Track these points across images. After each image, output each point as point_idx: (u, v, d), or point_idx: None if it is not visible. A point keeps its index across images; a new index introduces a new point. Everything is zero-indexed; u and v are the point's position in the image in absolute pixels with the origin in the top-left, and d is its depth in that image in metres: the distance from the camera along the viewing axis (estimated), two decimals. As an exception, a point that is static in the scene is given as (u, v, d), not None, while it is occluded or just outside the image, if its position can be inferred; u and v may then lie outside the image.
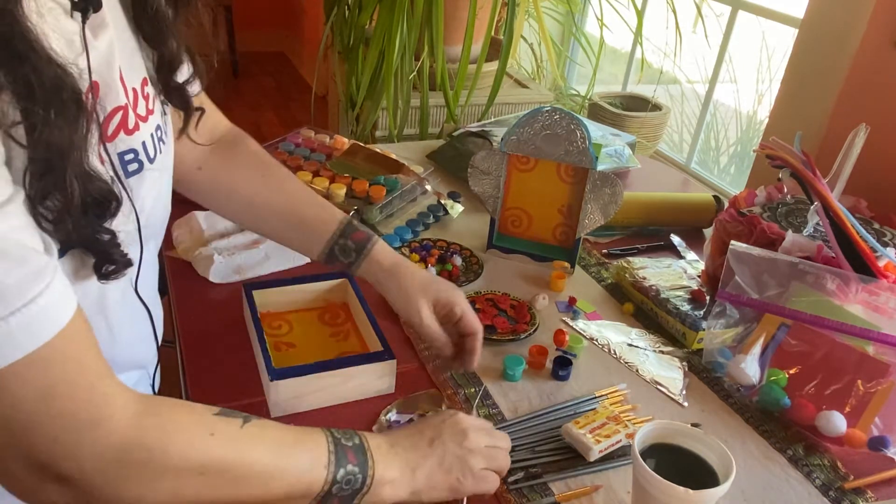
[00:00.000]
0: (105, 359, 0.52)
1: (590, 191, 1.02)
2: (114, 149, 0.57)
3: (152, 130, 0.63)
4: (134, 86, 0.60)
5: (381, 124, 1.88)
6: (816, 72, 1.45)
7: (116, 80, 0.57)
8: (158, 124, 0.65)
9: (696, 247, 1.17)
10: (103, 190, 0.51)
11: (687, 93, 2.88)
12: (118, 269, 0.55)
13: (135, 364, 0.71)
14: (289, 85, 4.41)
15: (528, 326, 0.93)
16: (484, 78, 1.86)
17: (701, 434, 0.65)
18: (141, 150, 0.60)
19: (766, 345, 0.84)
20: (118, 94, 0.57)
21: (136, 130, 0.60)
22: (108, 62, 0.56)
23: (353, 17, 1.86)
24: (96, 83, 0.55)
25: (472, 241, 1.13)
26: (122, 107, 0.58)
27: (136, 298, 0.67)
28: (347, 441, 0.59)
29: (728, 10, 2.34)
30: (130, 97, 0.59)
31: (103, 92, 0.55)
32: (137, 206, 0.61)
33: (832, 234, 0.86)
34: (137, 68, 0.62)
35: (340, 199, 1.16)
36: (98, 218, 0.51)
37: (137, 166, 0.60)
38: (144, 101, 0.62)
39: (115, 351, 0.63)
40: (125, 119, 0.58)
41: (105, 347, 0.59)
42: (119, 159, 0.58)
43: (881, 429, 0.77)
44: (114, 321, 0.62)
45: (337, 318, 0.92)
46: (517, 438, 0.76)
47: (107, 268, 0.54)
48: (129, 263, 0.56)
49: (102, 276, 0.54)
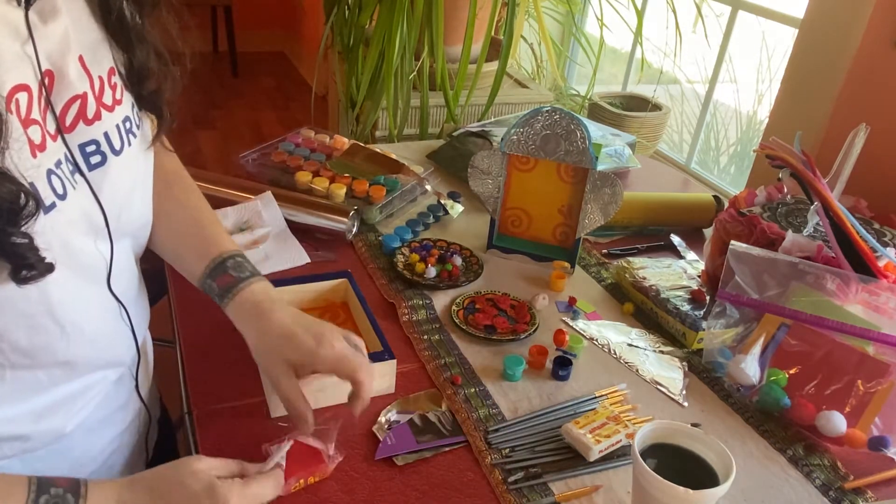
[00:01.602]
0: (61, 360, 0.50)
1: (590, 191, 1.02)
2: (73, 140, 0.56)
3: (119, 121, 0.61)
4: (100, 74, 0.59)
5: (381, 124, 1.88)
6: (816, 72, 1.45)
7: (73, 68, 0.55)
8: (128, 116, 0.62)
9: (696, 247, 1.17)
10: (11, 192, 0.48)
11: (687, 93, 2.88)
12: (38, 275, 0.52)
13: (110, 363, 0.69)
14: (289, 85, 4.41)
15: (528, 326, 0.93)
16: (484, 78, 1.86)
17: (701, 434, 0.65)
18: (104, 142, 0.58)
19: (766, 345, 0.84)
20: (75, 83, 0.55)
21: (96, 120, 0.58)
22: (61, 50, 0.54)
23: (353, 17, 1.85)
24: (49, 72, 0.53)
25: (472, 241, 1.13)
26: (79, 95, 0.56)
27: (109, 296, 0.65)
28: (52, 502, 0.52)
29: (728, 10, 2.34)
30: (96, 85, 0.58)
31: (58, 80, 0.54)
32: (103, 200, 0.59)
33: (832, 234, 0.86)
34: (103, 57, 0.60)
35: (340, 199, 1.16)
36: (9, 222, 0.48)
37: (100, 158, 0.58)
38: (111, 90, 0.60)
39: (76, 351, 0.61)
40: (84, 108, 0.56)
41: (59, 346, 0.58)
42: (80, 151, 0.56)
43: (881, 429, 0.77)
44: (69, 320, 0.59)
45: (337, 318, 0.92)
46: (517, 438, 0.76)
47: (25, 273, 0.51)
48: (50, 268, 0.52)
49: (20, 281, 0.51)
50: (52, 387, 0.62)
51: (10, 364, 0.56)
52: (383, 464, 0.73)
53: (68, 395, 0.64)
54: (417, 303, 0.96)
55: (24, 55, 0.51)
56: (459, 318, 0.94)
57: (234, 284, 0.72)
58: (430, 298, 0.98)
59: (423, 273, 1.01)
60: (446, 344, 0.90)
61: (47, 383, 0.61)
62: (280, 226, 1.08)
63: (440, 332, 0.92)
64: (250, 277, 0.73)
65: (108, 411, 0.72)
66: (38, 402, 0.61)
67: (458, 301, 0.98)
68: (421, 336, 0.91)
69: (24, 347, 0.56)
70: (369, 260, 1.06)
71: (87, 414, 0.68)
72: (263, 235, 1.06)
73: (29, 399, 0.60)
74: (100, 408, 0.70)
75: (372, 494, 0.69)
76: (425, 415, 0.79)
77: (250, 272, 0.74)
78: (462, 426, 0.78)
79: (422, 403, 0.81)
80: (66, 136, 0.55)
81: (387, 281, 1.01)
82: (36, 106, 0.52)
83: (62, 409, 0.64)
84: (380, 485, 0.70)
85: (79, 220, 0.58)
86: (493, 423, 0.78)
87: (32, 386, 0.60)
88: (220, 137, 3.63)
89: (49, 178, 0.53)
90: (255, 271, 0.74)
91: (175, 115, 0.69)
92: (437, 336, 0.91)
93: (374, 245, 1.10)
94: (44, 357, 0.59)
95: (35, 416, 0.61)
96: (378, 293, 1.00)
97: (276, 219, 1.08)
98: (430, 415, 0.79)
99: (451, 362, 0.86)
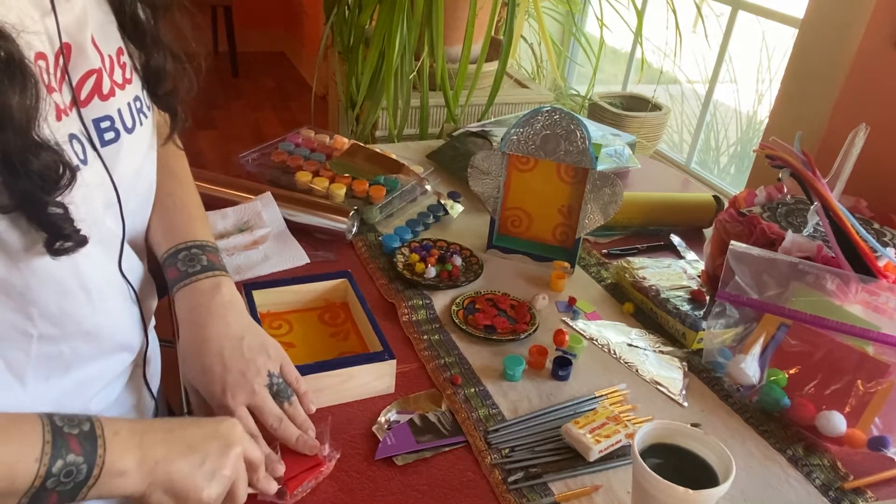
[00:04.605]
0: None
1: (590, 191, 1.02)
2: (88, 114, 0.56)
3: (130, 100, 0.61)
4: (109, 53, 0.59)
5: (381, 124, 1.88)
6: (816, 72, 1.45)
7: (89, 43, 0.56)
8: (138, 95, 0.63)
9: (696, 247, 1.17)
10: (50, 161, 0.48)
11: (687, 93, 2.88)
12: (74, 246, 0.52)
13: (122, 346, 0.69)
14: (289, 85, 4.41)
15: (528, 326, 0.93)
16: (484, 78, 1.86)
17: (701, 434, 0.65)
18: (117, 118, 0.59)
19: (765, 345, 0.84)
20: (91, 58, 0.56)
21: (111, 96, 0.58)
22: (79, 24, 0.55)
23: (353, 17, 1.85)
24: (67, 45, 0.53)
25: (472, 241, 1.13)
26: (95, 70, 0.56)
27: (119, 277, 0.65)
28: (72, 428, 0.52)
29: (728, 10, 2.34)
30: (106, 63, 0.58)
31: (75, 54, 0.54)
32: (115, 178, 0.59)
33: (832, 234, 0.86)
34: (111, 37, 0.60)
35: (340, 199, 1.16)
36: (46, 191, 0.49)
37: (114, 135, 0.58)
38: (121, 69, 0.61)
39: (100, 320, 0.62)
40: (99, 83, 0.57)
41: (85, 313, 0.58)
42: (94, 126, 0.57)
43: (881, 429, 0.77)
44: (94, 286, 0.59)
45: (337, 318, 0.92)
46: (517, 438, 0.76)
47: (60, 244, 0.51)
48: (84, 241, 0.53)
49: (55, 253, 0.51)
50: (73, 365, 0.62)
51: (38, 335, 0.57)
52: (383, 464, 0.73)
53: (86, 377, 0.65)
54: (417, 303, 0.96)
55: (44, 26, 0.51)
56: (459, 318, 0.94)
57: (179, 279, 0.69)
58: (430, 298, 0.98)
59: (423, 273, 1.01)
60: (446, 344, 0.90)
61: (70, 358, 0.61)
62: (280, 226, 1.08)
63: (440, 332, 0.92)
64: (199, 273, 0.69)
65: (122, 410, 0.73)
66: (57, 384, 0.62)
67: (458, 301, 0.98)
68: (421, 336, 0.91)
69: (54, 313, 0.56)
70: (369, 260, 1.06)
71: (101, 409, 0.68)
72: (263, 236, 1.06)
73: (50, 378, 0.61)
74: (114, 406, 0.71)
75: (372, 494, 0.69)
76: (425, 415, 0.79)
77: (203, 267, 0.69)
78: (462, 426, 0.78)
79: (422, 403, 0.81)
80: (82, 109, 0.56)
81: (387, 281, 1.01)
82: (54, 76, 0.53)
83: (80, 393, 0.65)
84: (380, 485, 0.70)
85: (97, 192, 0.58)
86: (493, 423, 0.78)
87: (55, 363, 0.60)
88: (220, 137, 3.63)
89: (71, 143, 0.54)
90: (210, 266, 0.70)
91: (189, 114, 0.69)
92: (437, 336, 0.91)
93: (374, 245, 1.10)
94: (70, 326, 0.59)
95: (54, 398, 0.62)
96: (378, 293, 1.00)
97: (275, 219, 1.08)
98: (430, 415, 0.79)
99: (450, 362, 0.86)
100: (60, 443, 0.51)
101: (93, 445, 0.52)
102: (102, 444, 0.53)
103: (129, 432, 0.55)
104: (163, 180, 0.75)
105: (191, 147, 0.78)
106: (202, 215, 0.77)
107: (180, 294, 0.69)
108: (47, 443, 0.50)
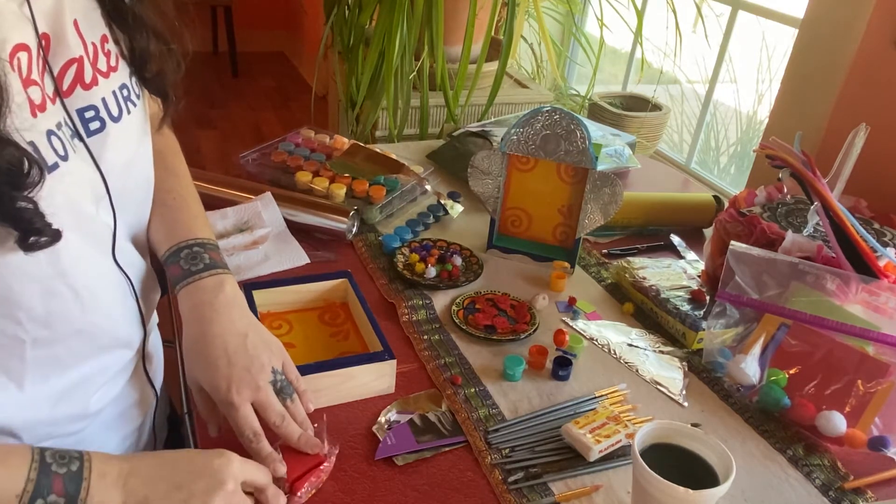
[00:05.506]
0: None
1: (590, 191, 1.02)
2: (72, 104, 0.56)
3: (115, 88, 0.60)
4: (93, 40, 0.59)
5: (381, 124, 1.88)
6: (816, 72, 1.45)
7: (69, 31, 0.55)
8: (124, 83, 0.62)
9: (696, 247, 1.17)
10: (13, 158, 0.47)
11: (687, 93, 2.88)
12: (47, 242, 0.51)
13: (120, 342, 0.68)
14: (289, 85, 4.41)
15: (528, 326, 0.93)
16: (484, 78, 1.86)
17: (701, 434, 0.65)
18: (101, 107, 0.58)
19: (765, 345, 0.84)
20: (72, 46, 0.55)
21: (94, 85, 0.58)
22: (56, 12, 0.54)
23: (353, 17, 1.85)
24: (46, 35, 0.53)
25: (472, 241, 1.13)
26: (76, 59, 0.56)
27: (115, 270, 0.64)
28: (61, 467, 0.52)
29: (728, 10, 2.34)
30: (90, 51, 0.58)
31: (54, 43, 0.54)
32: (103, 168, 0.59)
33: (832, 234, 0.86)
34: (96, 24, 0.60)
35: (340, 199, 1.16)
36: (13, 187, 0.48)
37: (99, 125, 0.58)
38: (105, 57, 0.60)
39: (92, 318, 0.61)
40: (80, 72, 0.56)
41: (74, 312, 0.58)
42: (79, 116, 0.56)
43: (881, 429, 0.77)
44: (82, 284, 0.58)
45: (337, 318, 0.92)
46: (517, 438, 0.76)
47: (33, 239, 0.50)
48: (58, 235, 0.52)
49: (28, 248, 0.50)
50: (71, 364, 0.62)
51: (30, 340, 0.56)
52: (383, 464, 0.73)
53: (85, 375, 0.64)
54: (417, 303, 0.96)
55: (22, 15, 0.51)
56: (459, 318, 0.94)
57: (181, 278, 0.69)
58: (430, 298, 0.98)
59: (423, 273, 1.01)
60: (446, 344, 0.90)
61: (67, 358, 0.61)
62: (280, 226, 1.08)
63: (440, 332, 0.92)
64: (202, 271, 0.69)
65: (125, 406, 0.73)
66: (56, 384, 0.61)
67: (458, 301, 0.98)
68: (421, 336, 0.91)
69: (41, 315, 0.56)
70: (369, 260, 1.06)
71: (102, 406, 0.68)
72: (263, 236, 1.06)
73: (48, 380, 0.60)
74: (116, 403, 0.70)
75: (372, 494, 0.69)
76: (425, 415, 0.79)
77: (206, 265, 0.69)
78: (462, 426, 0.78)
79: (422, 403, 0.81)
80: (65, 99, 0.55)
81: (387, 281, 1.01)
82: (35, 67, 0.52)
83: (79, 392, 0.64)
84: (380, 485, 0.70)
85: (81, 184, 0.57)
86: (493, 423, 0.78)
87: (52, 365, 0.60)
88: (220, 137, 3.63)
89: (49, 138, 0.53)
90: (213, 264, 0.70)
91: (181, 96, 0.68)
92: (437, 336, 0.91)
93: (374, 245, 1.10)
94: (61, 326, 0.58)
95: (53, 399, 0.61)
96: (378, 293, 1.00)
97: (275, 219, 1.08)
98: (430, 415, 0.79)
99: (451, 362, 0.86)
100: (44, 482, 0.51)
101: (76, 487, 0.53)
102: (86, 486, 0.53)
103: (117, 475, 0.55)
104: (162, 177, 0.74)
105: (191, 147, 0.78)
106: (202, 213, 0.77)
107: (183, 292, 0.69)
108: (31, 481, 0.51)
